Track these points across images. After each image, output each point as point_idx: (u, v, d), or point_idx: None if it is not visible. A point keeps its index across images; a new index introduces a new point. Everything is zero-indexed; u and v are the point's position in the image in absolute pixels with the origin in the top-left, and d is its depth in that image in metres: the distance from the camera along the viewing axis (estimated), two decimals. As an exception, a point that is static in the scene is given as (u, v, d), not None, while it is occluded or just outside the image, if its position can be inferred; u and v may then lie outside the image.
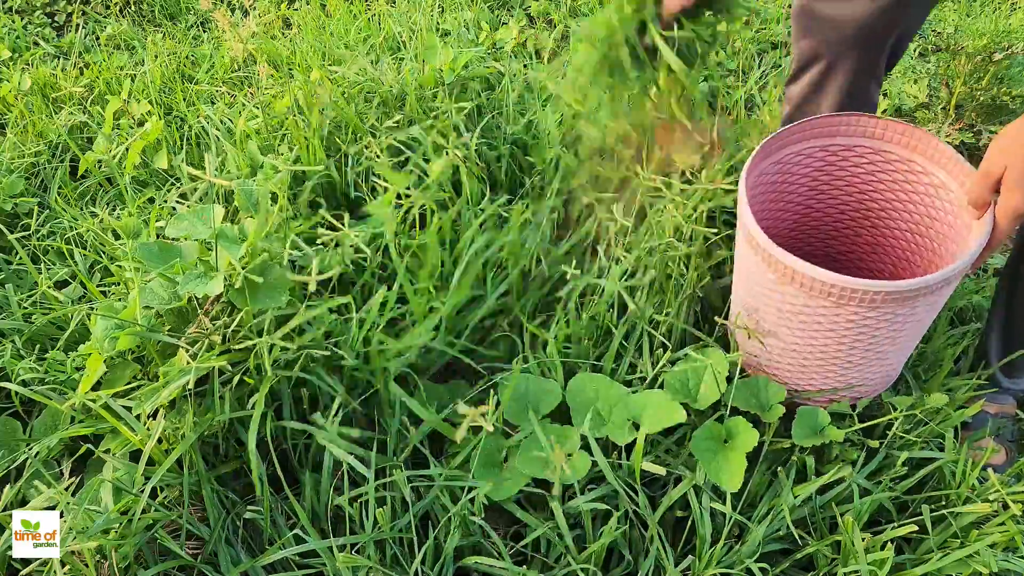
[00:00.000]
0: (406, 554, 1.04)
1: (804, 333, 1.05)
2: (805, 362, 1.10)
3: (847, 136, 1.18)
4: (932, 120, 1.95)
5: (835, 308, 0.98)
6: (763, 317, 1.09)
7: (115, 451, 1.07)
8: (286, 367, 1.12)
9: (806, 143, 1.18)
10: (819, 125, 1.17)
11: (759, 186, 1.19)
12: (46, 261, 1.58)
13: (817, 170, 1.23)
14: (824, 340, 1.04)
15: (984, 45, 2.05)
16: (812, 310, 1.00)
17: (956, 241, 1.09)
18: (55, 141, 1.92)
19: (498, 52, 2.12)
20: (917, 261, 1.23)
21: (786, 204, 1.28)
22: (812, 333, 1.04)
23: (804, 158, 1.20)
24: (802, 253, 1.36)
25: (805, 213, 1.31)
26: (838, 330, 1.01)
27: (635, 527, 1.07)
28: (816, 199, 1.28)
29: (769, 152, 1.15)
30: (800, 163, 1.21)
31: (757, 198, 1.19)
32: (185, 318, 1.16)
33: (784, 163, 1.19)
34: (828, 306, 0.98)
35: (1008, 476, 1.13)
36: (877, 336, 1.02)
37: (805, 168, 1.22)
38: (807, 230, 1.34)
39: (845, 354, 1.05)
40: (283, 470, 1.13)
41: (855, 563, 0.97)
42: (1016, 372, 1.27)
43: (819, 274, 0.95)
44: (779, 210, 1.29)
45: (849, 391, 1.13)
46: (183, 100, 2.02)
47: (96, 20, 2.71)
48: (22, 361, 1.22)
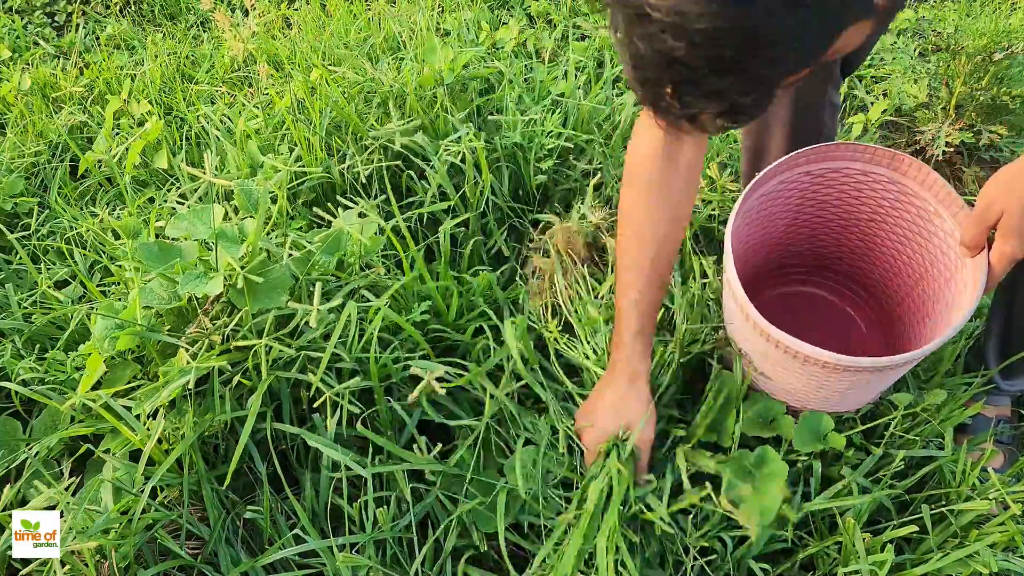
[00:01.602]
0: (406, 554, 1.04)
1: (799, 381, 1.05)
2: (802, 398, 1.11)
3: (835, 161, 1.16)
4: (932, 120, 1.95)
5: (830, 373, 0.99)
6: (758, 363, 1.10)
7: (115, 451, 1.07)
8: (285, 367, 1.12)
9: (792, 171, 1.17)
10: (809, 153, 1.14)
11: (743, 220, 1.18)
12: (46, 261, 1.58)
13: (803, 191, 1.22)
14: (819, 385, 1.04)
15: (984, 45, 2.05)
16: (806, 370, 1.01)
17: (950, 268, 1.09)
18: (55, 141, 1.92)
19: (498, 52, 2.12)
20: (908, 272, 1.23)
21: (774, 221, 1.28)
22: (808, 381, 1.04)
23: (788, 184, 1.19)
24: (789, 254, 1.38)
25: (793, 222, 1.31)
26: (832, 382, 1.02)
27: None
28: (803, 214, 1.28)
29: (748, 197, 1.12)
30: (785, 190, 1.20)
31: (742, 228, 1.18)
32: (185, 318, 1.16)
33: (768, 195, 1.19)
34: (821, 372, 0.99)
35: (1008, 476, 1.13)
36: (872, 381, 1.03)
37: (791, 192, 1.21)
38: (795, 235, 1.35)
39: (841, 395, 1.06)
40: (283, 470, 1.13)
41: (855, 563, 0.97)
42: (1013, 374, 1.27)
43: (813, 352, 0.94)
44: (766, 227, 1.29)
45: (840, 407, 1.14)
46: (183, 100, 2.02)
47: (96, 20, 2.71)
48: (22, 361, 1.22)
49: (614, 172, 1.63)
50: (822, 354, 0.94)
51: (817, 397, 1.08)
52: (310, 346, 1.14)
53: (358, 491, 1.09)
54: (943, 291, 1.11)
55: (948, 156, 1.92)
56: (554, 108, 1.74)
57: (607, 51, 2.14)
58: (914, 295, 1.22)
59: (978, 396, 1.25)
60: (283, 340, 1.11)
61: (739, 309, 1.03)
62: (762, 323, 0.98)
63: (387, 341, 1.21)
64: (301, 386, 1.16)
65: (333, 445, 1.06)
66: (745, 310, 1.00)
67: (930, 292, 1.16)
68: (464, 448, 1.10)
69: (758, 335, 1.01)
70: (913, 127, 2.02)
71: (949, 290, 1.09)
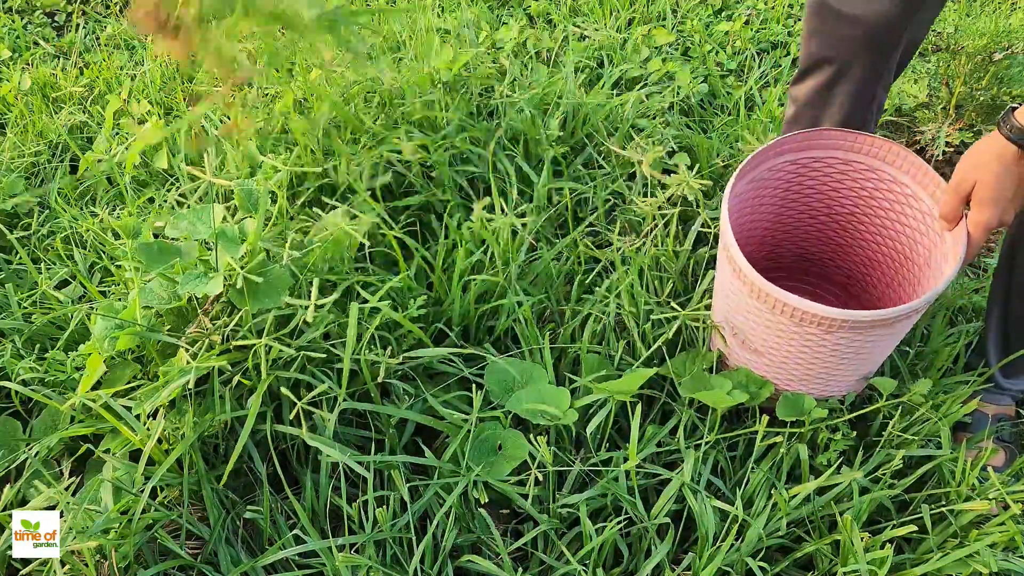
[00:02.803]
0: (405, 553, 1.04)
1: (793, 351, 1.07)
2: (793, 373, 1.12)
3: (819, 149, 1.19)
4: (932, 120, 1.95)
5: (824, 333, 1.00)
6: (750, 337, 1.12)
7: (115, 451, 1.07)
8: (284, 367, 1.12)
9: (780, 158, 1.20)
10: (792, 141, 1.18)
11: (735, 204, 1.20)
12: (46, 261, 1.58)
13: (788, 181, 1.24)
14: (813, 357, 1.06)
15: (984, 45, 2.05)
16: (801, 334, 1.03)
17: (929, 247, 1.12)
18: (55, 141, 1.92)
19: (497, 51, 2.12)
20: (888, 263, 1.26)
21: (761, 213, 1.30)
22: (802, 350, 1.06)
23: (775, 171, 1.22)
24: (776, 253, 1.39)
25: (778, 216, 1.32)
26: (827, 348, 1.04)
27: (635, 524, 1.07)
28: (789, 205, 1.30)
29: (745, 173, 1.16)
30: (772, 176, 1.22)
31: (734, 216, 1.20)
32: (185, 318, 1.16)
33: (756, 180, 1.21)
34: (817, 332, 1.01)
35: (1008, 476, 1.13)
36: (863, 351, 1.05)
37: (777, 180, 1.24)
38: (781, 232, 1.37)
39: (834, 366, 1.08)
40: (283, 470, 1.13)
41: (854, 562, 0.97)
42: (1014, 373, 1.27)
43: (807, 306, 0.97)
44: (754, 218, 1.30)
45: (826, 390, 1.15)
46: (183, 100, 2.02)
47: (96, 20, 2.72)
48: (22, 361, 1.22)
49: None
50: (815, 307, 0.96)
51: (810, 374, 1.09)
52: (310, 346, 1.14)
53: (358, 491, 1.09)
54: (923, 274, 1.14)
55: (948, 156, 1.92)
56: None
57: (605, 52, 2.14)
58: (894, 285, 1.25)
59: (976, 393, 1.25)
60: (283, 340, 1.11)
61: (735, 275, 1.04)
62: (760, 282, 0.99)
63: (386, 340, 1.22)
64: (301, 386, 1.16)
65: (332, 444, 1.06)
66: (743, 272, 1.02)
67: (910, 279, 1.19)
68: (457, 442, 1.10)
69: (755, 300, 1.03)
70: (913, 127, 2.02)
71: (930, 268, 1.12)
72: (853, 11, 1.14)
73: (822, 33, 1.20)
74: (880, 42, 1.17)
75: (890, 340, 1.07)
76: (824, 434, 1.12)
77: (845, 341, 1.01)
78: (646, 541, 1.06)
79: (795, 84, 1.32)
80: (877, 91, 1.26)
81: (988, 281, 1.54)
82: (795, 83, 1.32)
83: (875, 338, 1.02)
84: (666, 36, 2.24)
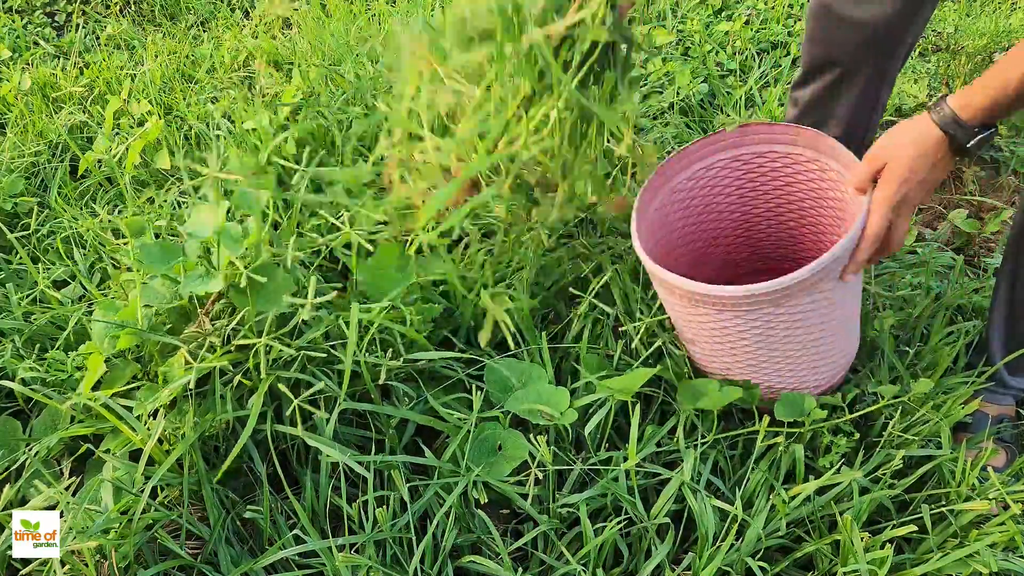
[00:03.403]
0: (405, 553, 1.04)
1: (711, 338, 1.08)
2: (732, 366, 1.13)
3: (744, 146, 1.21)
4: (932, 120, 1.95)
5: (717, 313, 1.01)
6: (680, 330, 1.15)
7: (115, 451, 1.07)
8: (285, 367, 1.12)
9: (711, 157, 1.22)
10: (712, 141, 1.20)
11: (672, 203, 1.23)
12: (46, 261, 1.58)
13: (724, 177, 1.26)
14: (731, 343, 1.06)
15: (984, 45, 2.05)
16: (699, 317, 1.04)
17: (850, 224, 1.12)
18: (55, 141, 1.92)
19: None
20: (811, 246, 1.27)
21: (710, 212, 1.32)
22: (716, 336, 1.07)
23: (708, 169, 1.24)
24: (734, 259, 1.41)
25: (732, 217, 1.34)
26: (733, 331, 1.04)
27: (635, 524, 1.07)
28: (734, 204, 1.31)
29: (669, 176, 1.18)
30: (705, 174, 1.24)
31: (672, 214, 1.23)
32: (186, 317, 1.16)
33: (696, 177, 1.23)
34: (710, 312, 1.01)
35: (1008, 476, 1.13)
36: (778, 334, 1.04)
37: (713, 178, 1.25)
38: (738, 236, 1.38)
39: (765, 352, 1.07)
40: (283, 470, 1.13)
41: (854, 562, 0.97)
42: (1021, 370, 1.27)
43: (682, 283, 0.98)
44: (704, 219, 1.32)
45: (802, 385, 1.15)
46: (183, 100, 2.02)
47: (96, 20, 2.71)
48: (22, 361, 1.22)
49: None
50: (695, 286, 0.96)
51: (754, 363, 1.09)
52: (310, 346, 1.14)
53: (358, 491, 1.09)
54: None
55: (948, 156, 1.92)
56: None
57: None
58: None
59: (978, 393, 1.25)
60: (283, 340, 1.11)
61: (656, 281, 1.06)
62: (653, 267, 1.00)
63: (388, 343, 1.21)
64: (301, 385, 1.16)
65: (332, 444, 1.06)
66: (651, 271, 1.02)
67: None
68: (457, 442, 1.10)
69: (665, 292, 1.04)
70: (913, 127, 2.02)
71: None
72: (855, 15, 1.14)
73: (824, 37, 1.20)
74: (883, 44, 1.16)
75: (817, 321, 1.04)
76: (827, 437, 1.12)
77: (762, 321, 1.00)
78: (646, 541, 1.06)
79: (797, 87, 1.32)
80: (882, 92, 1.26)
81: (988, 281, 1.54)
82: (797, 86, 1.31)
83: (787, 318, 1.01)
84: (666, 36, 2.25)
